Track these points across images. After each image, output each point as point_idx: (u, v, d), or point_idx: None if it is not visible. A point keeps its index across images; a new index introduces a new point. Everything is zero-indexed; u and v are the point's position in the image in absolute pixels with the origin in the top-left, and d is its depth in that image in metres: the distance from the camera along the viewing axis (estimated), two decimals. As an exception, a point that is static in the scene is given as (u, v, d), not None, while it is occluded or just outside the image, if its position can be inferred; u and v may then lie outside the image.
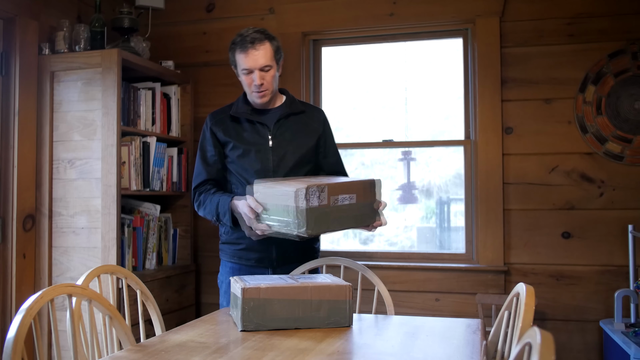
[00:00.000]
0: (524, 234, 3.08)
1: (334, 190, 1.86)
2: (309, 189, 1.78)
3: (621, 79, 2.99)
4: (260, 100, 2.19)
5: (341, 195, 1.89)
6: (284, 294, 1.73)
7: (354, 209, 1.94)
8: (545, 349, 0.87)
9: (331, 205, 1.85)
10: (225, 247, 2.30)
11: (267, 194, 1.93)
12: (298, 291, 1.74)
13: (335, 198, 1.86)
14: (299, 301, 1.73)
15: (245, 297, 1.70)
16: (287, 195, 1.82)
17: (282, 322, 1.73)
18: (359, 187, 1.96)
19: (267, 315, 1.71)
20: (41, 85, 2.88)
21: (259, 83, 2.14)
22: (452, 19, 3.22)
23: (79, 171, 2.82)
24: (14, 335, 1.28)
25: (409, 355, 1.48)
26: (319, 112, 2.37)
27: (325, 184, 1.83)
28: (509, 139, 3.12)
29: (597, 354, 2.97)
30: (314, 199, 1.79)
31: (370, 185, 2.01)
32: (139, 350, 1.50)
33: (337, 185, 1.88)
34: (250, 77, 2.16)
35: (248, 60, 2.14)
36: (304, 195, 1.77)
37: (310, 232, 1.80)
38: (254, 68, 2.14)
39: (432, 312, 3.13)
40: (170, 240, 3.32)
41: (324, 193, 1.82)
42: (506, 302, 1.68)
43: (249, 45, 2.14)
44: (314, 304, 1.74)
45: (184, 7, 3.58)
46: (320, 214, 1.82)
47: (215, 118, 2.29)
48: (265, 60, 2.14)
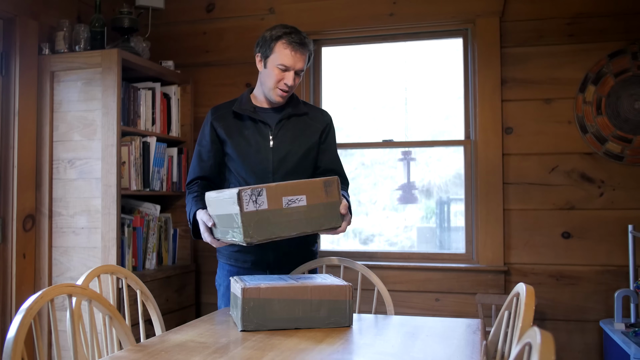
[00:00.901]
0: (524, 234, 3.08)
1: (275, 193, 1.70)
2: (241, 193, 1.65)
3: (621, 79, 2.99)
4: (279, 99, 2.15)
5: (286, 197, 1.72)
6: (283, 294, 1.72)
7: (306, 212, 1.75)
8: (545, 349, 0.87)
9: (273, 209, 1.69)
10: (222, 249, 2.29)
11: (215, 204, 1.85)
12: (298, 291, 1.73)
13: (277, 201, 1.70)
14: (299, 301, 1.73)
15: (245, 297, 1.70)
16: (226, 202, 1.74)
17: (282, 322, 1.72)
18: (308, 188, 1.77)
19: (267, 315, 1.71)
20: (41, 85, 2.88)
21: (291, 84, 2.11)
22: (452, 19, 3.22)
23: (79, 171, 2.82)
24: (14, 335, 1.28)
25: (409, 355, 1.48)
26: (322, 114, 2.32)
27: (263, 187, 1.69)
28: (509, 139, 3.12)
29: (597, 354, 2.97)
30: (250, 204, 1.66)
31: (325, 185, 1.80)
32: (139, 350, 1.50)
33: (280, 187, 1.72)
34: (284, 74, 2.11)
35: (290, 60, 2.09)
36: (236, 200, 1.66)
37: (249, 240, 1.68)
38: (293, 68, 2.10)
39: (432, 312, 3.13)
40: (170, 240, 3.32)
41: (262, 197, 1.68)
42: (506, 302, 1.68)
43: (299, 46, 2.09)
44: (314, 304, 1.74)
45: (184, 7, 3.58)
46: (260, 219, 1.68)
47: (217, 113, 2.24)
48: (303, 64, 2.12)
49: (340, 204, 1.83)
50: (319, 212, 1.78)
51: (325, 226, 1.81)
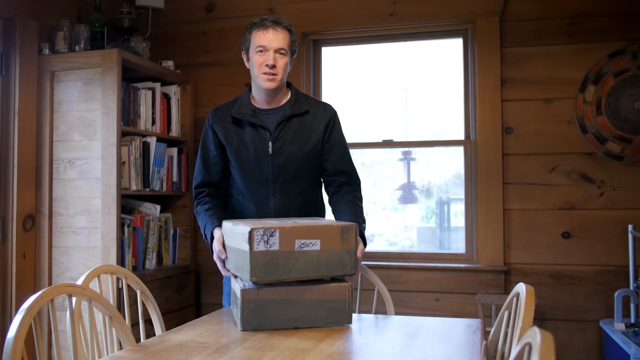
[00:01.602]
0: (524, 234, 3.08)
1: (288, 235, 1.65)
2: (252, 232, 1.62)
3: (621, 79, 2.99)
4: (267, 84, 2.07)
5: (299, 240, 1.67)
6: (283, 295, 1.72)
7: (319, 257, 1.70)
8: (545, 349, 0.87)
9: (284, 251, 1.65)
10: None
11: (230, 235, 1.85)
12: (297, 292, 1.73)
13: (290, 244, 1.66)
14: (298, 301, 1.73)
15: (245, 298, 1.69)
16: (238, 237, 1.73)
17: (281, 322, 1.72)
18: (324, 233, 1.70)
19: (266, 315, 1.71)
20: (41, 85, 2.88)
21: (272, 64, 2.04)
22: (452, 19, 3.22)
23: (79, 171, 2.82)
24: (14, 335, 1.28)
25: (409, 355, 1.48)
26: (325, 109, 2.19)
27: (277, 227, 1.64)
28: (509, 139, 3.12)
29: (597, 354, 2.97)
30: (260, 244, 1.63)
31: (342, 231, 1.72)
32: (139, 350, 1.50)
33: (294, 230, 1.67)
34: (264, 56, 2.05)
35: (265, 39, 2.05)
36: (247, 238, 1.63)
37: (255, 280, 1.64)
38: (270, 48, 2.05)
39: (432, 312, 3.13)
40: (170, 240, 3.32)
41: (274, 237, 1.64)
42: (506, 302, 1.68)
43: (270, 25, 2.06)
44: (313, 304, 1.74)
45: (184, 7, 3.58)
46: (270, 260, 1.65)
47: (217, 116, 2.20)
48: (282, 43, 2.06)
49: (357, 249, 1.77)
50: (332, 257, 1.72)
51: (337, 273, 1.74)
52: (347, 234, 1.72)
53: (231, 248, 1.85)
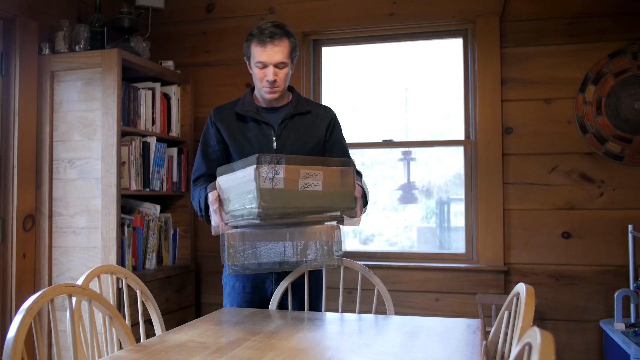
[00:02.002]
0: (524, 234, 3.08)
1: (292, 171, 1.68)
2: (259, 169, 1.64)
3: (621, 79, 2.99)
4: (269, 96, 2.13)
5: (302, 180, 1.69)
6: (267, 237, 1.73)
7: (321, 195, 1.73)
8: (545, 349, 0.87)
9: (289, 188, 1.67)
10: None
11: (228, 181, 1.81)
12: (281, 234, 1.74)
13: (293, 181, 1.68)
14: (282, 244, 1.74)
15: (230, 241, 1.72)
16: (240, 180, 1.71)
17: (266, 265, 1.75)
18: (325, 173, 1.75)
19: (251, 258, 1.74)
20: (41, 85, 2.88)
21: (272, 79, 2.08)
22: (452, 19, 3.22)
23: (79, 171, 2.82)
24: (14, 335, 1.28)
25: (409, 355, 1.48)
26: (325, 111, 2.28)
27: (281, 166, 1.67)
28: (509, 139, 3.12)
29: (597, 354, 2.97)
30: (266, 181, 1.64)
31: (341, 174, 1.77)
32: (139, 350, 1.50)
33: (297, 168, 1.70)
34: (264, 71, 2.09)
35: (264, 55, 2.07)
36: (253, 176, 1.64)
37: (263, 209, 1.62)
38: (270, 63, 2.07)
39: (432, 312, 3.13)
40: (170, 240, 3.32)
41: (279, 175, 1.66)
42: (506, 302, 1.68)
43: (268, 40, 2.06)
44: (297, 246, 1.74)
45: (184, 7, 3.58)
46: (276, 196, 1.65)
47: (220, 114, 2.22)
48: (281, 57, 2.08)
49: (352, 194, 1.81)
50: (332, 198, 1.76)
51: (338, 205, 1.77)
52: (346, 177, 1.77)
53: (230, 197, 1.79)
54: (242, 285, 2.24)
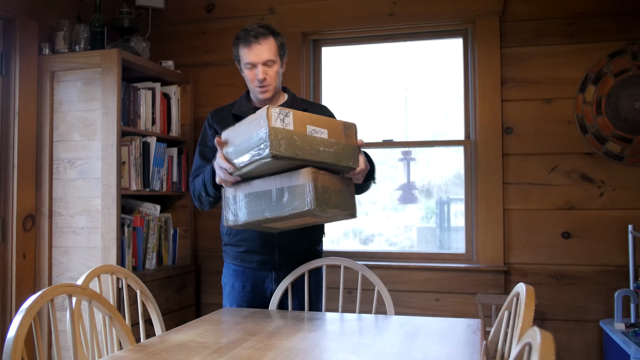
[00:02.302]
0: (524, 234, 3.08)
1: (300, 118, 1.72)
2: (270, 109, 1.67)
3: (621, 79, 2.99)
4: (262, 95, 2.17)
5: (309, 125, 1.73)
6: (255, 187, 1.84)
7: (327, 144, 1.76)
8: (545, 349, 0.87)
9: (298, 132, 1.70)
10: (227, 248, 2.30)
11: (235, 134, 1.82)
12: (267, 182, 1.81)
13: (302, 126, 1.71)
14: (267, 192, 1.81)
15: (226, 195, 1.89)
16: (252, 123, 1.72)
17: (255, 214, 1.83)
18: (329, 125, 1.79)
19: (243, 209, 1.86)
20: (41, 85, 2.88)
21: (262, 78, 2.12)
22: (452, 19, 3.22)
23: (79, 171, 2.82)
24: (14, 335, 1.28)
25: (409, 355, 1.48)
26: (321, 109, 2.32)
27: (289, 109, 1.72)
28: (509, 139, 3.12)
29: (597, 354, 2.97)
30: (277, 121, 1.67)
31: (344, 127, 1.82)
32: (139, 350, 1.50)
33: (305, 115, 1.74)
34: (253, 71, 2.14)
35: (251, 55, 2.12)
36: (265, 116, 1.66)
37: (275, 152, 1.64)
38: (257, 62, 2.12)
39: (432, 312, 3.13)
40: (170, 240, 3.32)
41: (289, 118, 1.69)
42: (506, 302, 1.68)
43: (253, 40, 2.11)
44: (278, 192, 1.79)
45: (184, 7, 3.58)
46: (287, 136, 1.67)
47: (217, 116, 2.27)
48: (268, 55, 2.12)
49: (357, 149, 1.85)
50: (338, 148, 1.79)
51: (343, 162, 1.79)
52: (349, 130, 1.82)
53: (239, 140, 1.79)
54: (241, 285, 2.24)
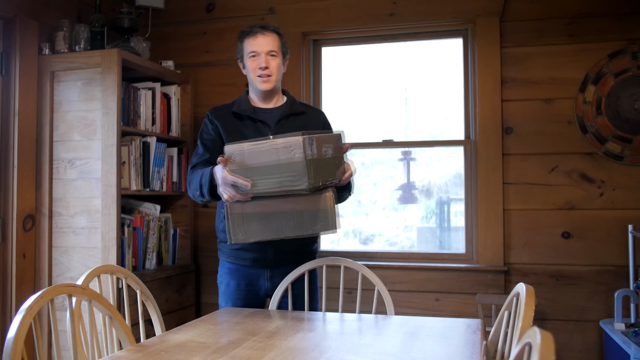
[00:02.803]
0: (524, 234, 3.08)
1: (319, 143, 1.81)
2: (304, 141, 1.73)
3: (621, 79, 2.99)
4: (263, 85, 2.21)
5: (324, 147, 1.83)
6: (266, 207, 1.83)
7: (333, 161, 1.89)
8: (545, 349, 0.87)
9: (319, 157, 1.80)
10: (222, 246, 2.31)
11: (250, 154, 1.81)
12: (280, 204, 1.83)
13: (320, 149, 1.81)
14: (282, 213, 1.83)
15: (231, 212, 1.84)
16: (281, 150, 1.75)
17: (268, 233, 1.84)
18: (332, 140, 1.90)
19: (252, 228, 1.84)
20: (41, 85, 2.88)
21: (264, 65, 2.18)
22: (452, 19, 3.22)
23: (79, 171, 2.82)
24: (14, 335, 1.28)
25: (409, 355, 1.48)
26: (319, 114, 2.39)
27: (313, 136, 1.78)
28: (509, 139, 3.12)
29: (597, 354, 2.97)
30: (309, 151, 1.74)
31: (337, 140, 1.94)
32: (139, 350, 1.50)
33: (320, 138, 1.82)
34: (257, 61, 2.19)
35: (255, 44, 2.19)
36: (301, 146, 1.72)
37: (311, 186, 1.74)
38: (261, 52, 2.19)
39: (432, 312, 3.13)
40: (170, 240, 3.32)
41: (313, 144, 1.77)
42: (506, 302, 1.68)
43: (258, 30, 2.20)
44: (296, 214, 1.83)
45: (184, 7, 3.58)
46: (315, 165, 1.77)
47: (216, 113, 2.28)
48: (272, 46, 2.20)
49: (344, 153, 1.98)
50: (338, 162, 1.91)
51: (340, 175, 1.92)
52: (339, 140, 1.95)
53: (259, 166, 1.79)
54: (236, 284, 2.26)
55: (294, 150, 1.73)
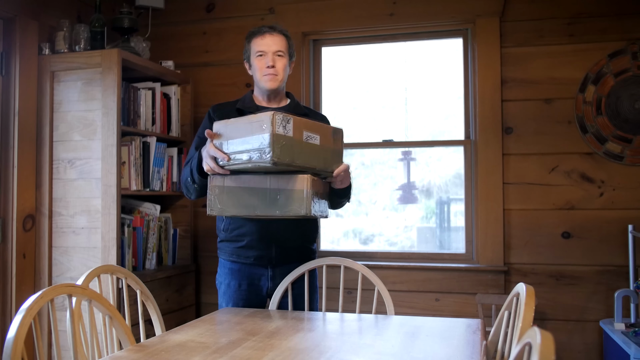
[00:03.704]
0: (524, 234, 3.08)
1: (298, 125, 1.82)
2: (275, 116, 1.76)
3: (621, 79, 2.99)
4: (269, 84, 2.23)
5: (305, 131, 1.84)
6: (245, 182, 1.87)
7: (319, 150, 1.89)
8: (545, 349, 0.87)
9: (296, 138, 1.82)
10: (223, 245, 2.30)
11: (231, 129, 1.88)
12: (259, 180, 1.87)
13: (299, 132, 1.83)
14: (259, 189, 1.87)
15: (212, 184, 1.90)
16: (254, 124, 1.80)
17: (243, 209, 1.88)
18: (321, 130, 1.92)
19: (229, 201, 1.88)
20: (41, 85, 2.88)
21: (271, 64, 2.20)
22: (452, 19, 3.22)
23: (79, 171, 2.82)
24: (14, 335, 1.28)
25: (409, 355, 1.48)
26: (321, 118, 2.40)
27: (291, 116, 1.81)
28: (509, 139, 3.12)
29: (597, 354, 2.97)
30: (280, 127, 1.76)
31: (333, 132, 1.96)
32: (139, 350, 1.50)
33: (302, 122, 1.84)
34: (264, 60, 2.22)
35: (263, 44, 2.22)
36: (270, 121, 1.75)
37: (276, 159, 1.74)
38: (268, 51, 2.21)
39: (432, 312, 3.13)
40: (170, 240, 3.32)
41: (290, 124, 1.79)
42: (506, 302, 1.68)
43: (267, 31, 2.23)
44: (272, 193, 1.85)
45: (184, 7, 3.58)
46: (287, 142, 1.78)
47: (220, 110, 2.27)
48: (279, 46, 2.23)
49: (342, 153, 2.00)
50: (326, 153, 1.92)
51: (329, 167, 1.94)
52: (337, 135, 1.97)
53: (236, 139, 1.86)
54: (237, 284, 2.25)
55: (264, 124, 1.76)
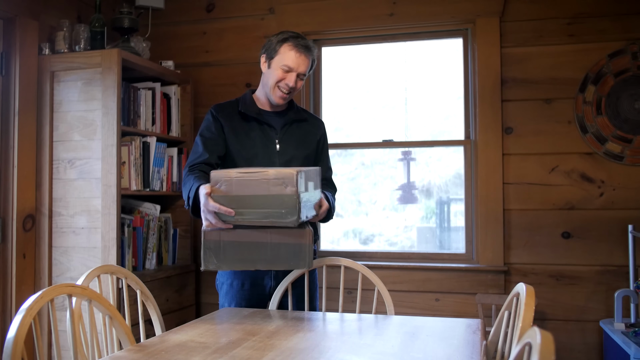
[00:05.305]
0: (524, 234, 3.08)
1: (307, 177, 1.81)
2: (298, 175, 1.70)
3: (621, 79, 2.99)
4: (279, 100, 2.19)
5: (309, 182, 1.83)
6: (243, 237, 1.79)
7: (313, 197, 1.89)
8: (545, 349, 0.87)
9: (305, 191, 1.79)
10: None
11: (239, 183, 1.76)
12: (258, 235, 1.79)
13: (307, 184, 1.81)
14: (258, 244, 1.80)
15: (207, 238, 1.79)
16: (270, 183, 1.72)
17: (241, 264, 1.81)
18: (315, 174, 1.94)
19: (226, 256, 1.80)
20: (41, 85, 2.88)
21: (292, 85, 2.15)
22: (452, 19, 3.22)
23: (79, 171, 2.82)
24: (14, 335, 1.28)
25: (409, 355, 1.48)
26: (320, 123, 2.39)
27: (304, 171, 1.77)
28: (509, 139, 3.12)
29: (597, 354, 2.97)
30: (302, 184, 1.73)
31: (318, 173, 1.99)
32: (139, 350, 1.50)
33: (308, 172, 1.82)
34: (288, 75, 2.14)
35: (296, 61, 2.13)
36: (294, 182, 1.69)
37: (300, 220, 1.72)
38: (296, 71, 2.14)
39: (432, 312, 3.13)
40: (170, 240, 3.32)
41: (302, 179, 1.76)
42: (506, 302, 1.68)
43: (303, 49, 2.14)
44: (273, 247, 1.80)
45: (184, 7, 3.58)
46: (303, 200, 1.77)
47: (223, 111, 2.23)
48: (305, 69, 2.17)
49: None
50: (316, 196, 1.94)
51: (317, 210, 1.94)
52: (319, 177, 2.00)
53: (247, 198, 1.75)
54: (240, 283, 2.24)
55: (286, 184, 1.70)
